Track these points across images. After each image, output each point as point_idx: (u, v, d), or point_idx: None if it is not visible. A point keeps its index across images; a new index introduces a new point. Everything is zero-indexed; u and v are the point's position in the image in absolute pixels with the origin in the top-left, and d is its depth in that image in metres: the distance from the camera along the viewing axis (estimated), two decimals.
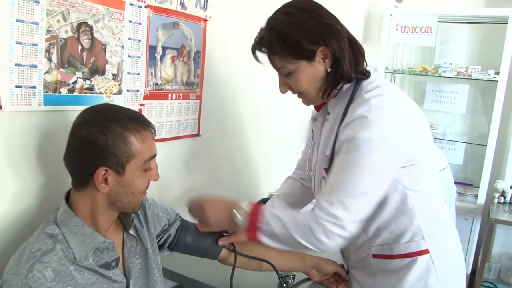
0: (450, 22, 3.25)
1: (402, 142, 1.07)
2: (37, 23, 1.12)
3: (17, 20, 1.08)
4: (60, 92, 1.20)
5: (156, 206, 1.30)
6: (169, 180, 1.66)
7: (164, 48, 1.52)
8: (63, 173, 1.05)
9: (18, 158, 1.15)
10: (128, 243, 1.17)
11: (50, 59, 1.16)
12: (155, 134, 1.10)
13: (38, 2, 1.11)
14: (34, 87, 1.14)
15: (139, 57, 1.43)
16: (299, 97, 1.23)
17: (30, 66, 1.12)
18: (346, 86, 1.17)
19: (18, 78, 1.10)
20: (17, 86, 1.10)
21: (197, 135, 1.76)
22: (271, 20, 1.15)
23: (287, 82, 1.18)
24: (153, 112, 1.53)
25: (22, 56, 1.10)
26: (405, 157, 1.09)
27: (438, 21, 3.14)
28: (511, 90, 3.17)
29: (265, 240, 1.13)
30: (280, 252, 1.36)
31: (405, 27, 3.13)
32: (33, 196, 1.21)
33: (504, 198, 2.99)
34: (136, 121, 1.04)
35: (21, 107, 1.12)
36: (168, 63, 1.55)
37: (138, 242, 1.21)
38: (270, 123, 2.24)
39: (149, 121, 1.09)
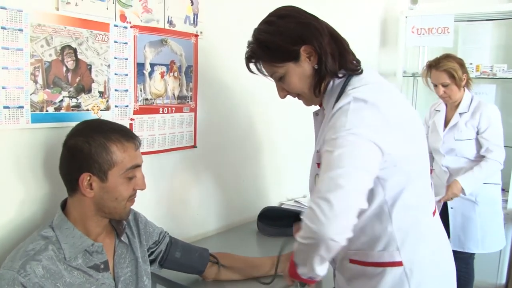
0: (471, 20, 3.16)
1: (382, 135, 1.04)
2: (21, 49, 1.24)
3: (3, 48, 1.20)
4: (47, 111, 1.31)
5: (148, 223, 1.41)
6: (163, 190, 1.74)
7: (152, 65, 1.61)
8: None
9: (25, 169, 1.29)
10: (119, 250, 1.27)
11: (36, 81, 1.28)
12: (140, 146, 1.21)
13: (22, 30, 1.23)
14: (22, 107, 1.26)
15: (126, 75, 1.52)
16: (299, 99, 1.28)
17: (16, 88, 1.24)
18: (337, 81, 1.19)
19: (6, 99, 1.22)
20: (5, 107, 1.22)
21: (194, 146, 1.83)
22: (255, 32, 1.22)
23: (282, 87, 1.24)
24: (144, 125, 1.61)
25: (9, 80, 1.22)
26: (386, 152, 1.05)
27: (456, 21, 3.07)
28: None
29: (301, 270, 1.13)
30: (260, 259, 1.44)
31: (421, 29, 3.08)
32: (38, 204, 1.34)
33: None
34: (119, 133, 1.16)
35: (9, 125, 1.23)
36: (157, 78, 1.63)
37: (129, 250, 1.29)
38: (274, 131, 2.27)
39: (133, 134, 1.20)
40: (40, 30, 1.27)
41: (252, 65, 1.24)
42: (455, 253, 2.46)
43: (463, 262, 2.46)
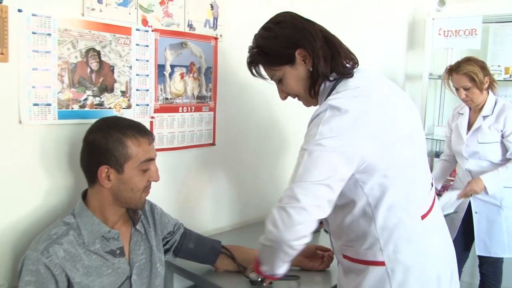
0: (501, 22, 3.10)
1: (351, 142, 1.10)
2: (49, 52, 1.35)
3: (33, 51, 1.32)
4: (72, 108, 1.43)
5: (164, 214, 1.51)
6: (181, 184, 1.83)
7: (172, 66, 1.70)
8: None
9: (51, 162, 1.41)
10: (135, 238, 1.37)
11: (62, 81, 1.39)
12: (153, 141, 1.31)
13: (50, 35, 1.35)
14: (49, 105, 1.37)
15: (147, 75, 1.62)
16: (298, 100, 1.36)
17: (45, 87, 1.36)
18: (327, 84, 1.25)
19: (35, 97, 1.34)
20: (34, 104, 1.34)
21: (213, 144, 1.91)
22: (254, 37, 1.32)
23: (282, 89, 1.33)
24: (164, 123, 1.71)
25: (38, 79, 1.34)
26: (358, 159, 1.10)
27: (486, 22, 3.02)
28: None
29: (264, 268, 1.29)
30: None
31: (448, 31, 3.06)
32: (62, 194, 1.46)
33: None
34: (134, 129, 1.27)
35: (38, 121, 1.35)
36: (177, 79, 1.73)
37: (144, 239, 1.39)
38: (291, 131, 2.32)
39: (147, 130, 1.30)
40: (67, 34, 1.38)
41: (255, 71, 1.34)
42: (482, 257, 2.44)
43: (491, 266, 2.47)
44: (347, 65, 1.25)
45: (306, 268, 1.59)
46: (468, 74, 2.25)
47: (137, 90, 1.60)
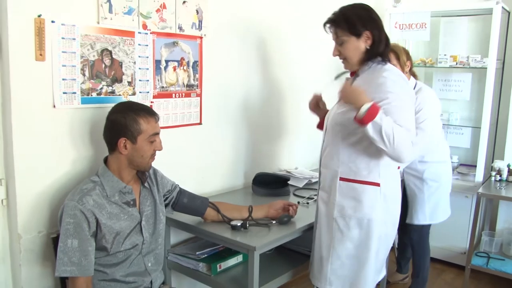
0: (449, 16, 3.57)
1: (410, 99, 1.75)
2: (74, 52, 1.77)
3: (62, 52, 1.74)
4: (92, 95, 1.85)
5: (163, 177, 1.94)
6: (176, 156, 2.27)
7: (167, 61, 2.13)
8: (105, 148, 1.73)
9: (76, 137, 1.84)
10: (143, 193, 1.80)
11: (84, 74, 1.81)
12: (159, 119, 1.74)
13: (75, 39, 1.76)
14: (75, 93, 1.80)
15: (147, 69, 2.05)
16: (343, 62, 1.82)
17: (71, 80, 1.78)
18: (371, 63, 1.76)
19: (64, 87, 1.76)
20: (64, 93, 1.76)
21: (199, 123, 2.36)
22: (343, 8, 1.78)
23: (339, 49, 1.79)
24: (161, 107, 2.14)
25: (66, 74, 1.76)
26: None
27: (435, 16, 3.49)
28: (508, 76, 3.43)
29: (371, 127, 1.61)
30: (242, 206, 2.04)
31: (402, 24, 3.51)
32: (85, 162, 1.89)
33: (500, 176, 3.25)
34: (145, 110, 1.70)
35: (66, 106, 1.78)
36: (171, 71, 2.16)
37: (150, 194, 1.83)
38: (267, 112, 2.78)
39: (154, 111, 1.74)
40: (87, 38, 1.80)
41: (327, 27, 1.81)
42: (409, 225, 2.74)
43: (417, 233, 2.72)
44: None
45: (276, 219, 2.04)
46: (394, 51, 2.49)
47: (139, 80, 2.03)
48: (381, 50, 1.75)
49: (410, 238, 2.78)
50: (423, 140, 2.34)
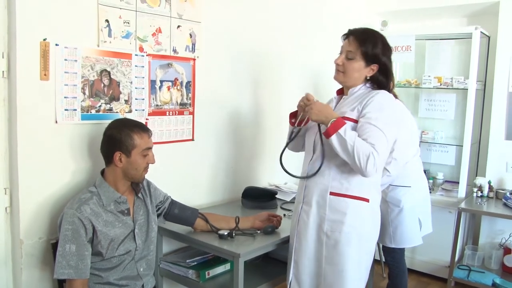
0: (433, 39, 3.75)
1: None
2: (76, 73, 1.94)
3: (65, 72, 1.90)
4: (91, 112, 2.01)
5: (156, 188, 2.08)
6: (169, 170, 2.41)
7: (161, 81, 2.30)
8: (102, 160, 1.87)
9: (76, 150, 1.98)
10: (137, 203, 1.94)
11: (84, 93, 1.97)
12: (151, 135, 1.88)
13: (76, 61, 1.93)
14: (75, 110, 1.95)
15: (143, 88, 2.21)
16: (339, 73, 1.91)
17: (72, 98, 1.93)
18: (368, 87, 1.90)
19: (66, 104, 1.92)
20: (65, 110, 1.92)
21: (192, 139, 2.51)
22: (375, 32, 1.90)
23: (344, 62, 1.87)
24: (155, 124, 2.30)
25: (68, 92, 1.92)
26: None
27: (420, 39, 3.66)
28: (489, 97, 3.59)
29: (334, 138, 1.72)
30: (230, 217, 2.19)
31: None
32: (84, 173, 2.03)
33: (482, 192, 3.39)
34: (139, 127, 1.85)
35: (67, 121, 1.93)
36: (165, 91, 2.32)
37: (143, 204, 1.97)
38: (256, 131, 2.94)
39: (147, 128, 1.89)
40: (87, 60, 1.97)
41: (350, 37, 1.88)
42: (384, 247, 2.73)
43: (389, 254, 2.70)
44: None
45: (261, 229, 2.17)
46: None
47: (136, 99, 2.19)
48: (380, 81, 1.87)
49: (386, 257, 2.81)
50: (396, 169, 2.36)
